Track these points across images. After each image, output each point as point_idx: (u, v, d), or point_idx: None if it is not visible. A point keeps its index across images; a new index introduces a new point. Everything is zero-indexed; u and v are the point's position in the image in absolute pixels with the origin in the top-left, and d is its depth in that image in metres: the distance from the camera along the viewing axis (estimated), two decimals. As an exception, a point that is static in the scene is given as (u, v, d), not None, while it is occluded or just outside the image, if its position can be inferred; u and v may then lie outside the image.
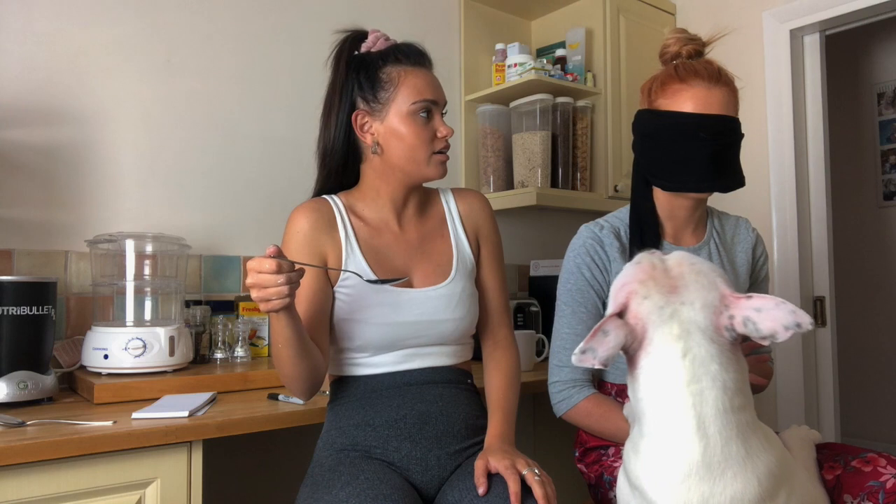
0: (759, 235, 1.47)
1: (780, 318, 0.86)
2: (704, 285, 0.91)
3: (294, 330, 1.09)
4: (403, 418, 1.21)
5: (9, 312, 1.31)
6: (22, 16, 1.65)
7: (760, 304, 0.87)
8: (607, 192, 2.41)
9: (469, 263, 1.34)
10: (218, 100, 1.93)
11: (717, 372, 0.87)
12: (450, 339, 1.29)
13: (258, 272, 1.03)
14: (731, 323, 0.89)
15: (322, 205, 1.29)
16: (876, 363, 3.81)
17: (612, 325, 0.89)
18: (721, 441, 0.86)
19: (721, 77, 1.27)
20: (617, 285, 0.96)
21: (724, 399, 0.86)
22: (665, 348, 0.88)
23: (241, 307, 1.84)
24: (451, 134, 1.27)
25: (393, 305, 1.24)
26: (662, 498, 0.87)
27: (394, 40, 1.31)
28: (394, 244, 1.30)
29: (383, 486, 1.07)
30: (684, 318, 0.89)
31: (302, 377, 1.16)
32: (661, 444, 0.88)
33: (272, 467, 1.86)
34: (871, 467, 1.15)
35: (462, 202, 1.39)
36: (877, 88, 3.86)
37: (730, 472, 0.85)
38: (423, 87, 1.25)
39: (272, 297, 1.03)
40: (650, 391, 0.89)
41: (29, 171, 1.64)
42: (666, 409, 0.88)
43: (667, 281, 0.92)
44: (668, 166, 1.29)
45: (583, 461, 1.41)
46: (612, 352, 0.88)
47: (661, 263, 0.95)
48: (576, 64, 2.41)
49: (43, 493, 1.08)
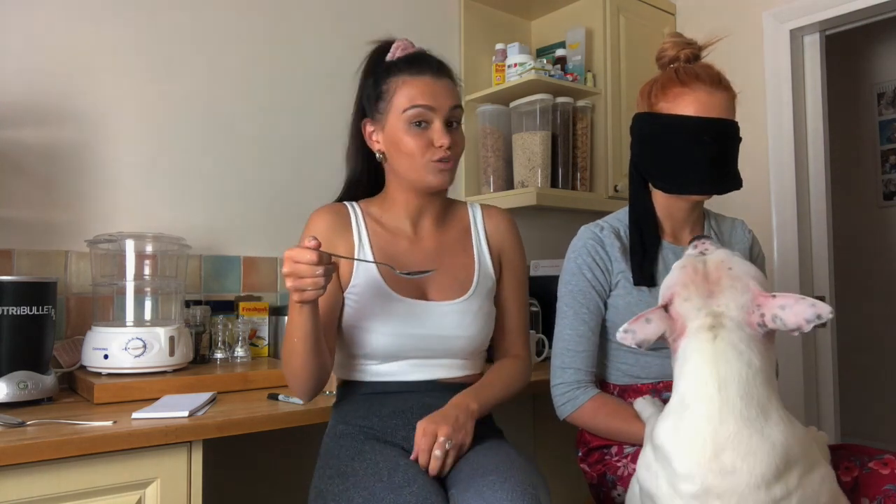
0: (755, 236, 1.48)
1: (802, 312, 0.95)
2: (738, 289, 1.00)
3: (314, 324, 1.11)
4: (410, 409, 1.22)
5: (9, 312, 1.31)
6: (22, 16, 1.65)
7: (783, 301, 0.97)
8: (607, 192, 2.41)
9: (490, 281, 1.34)
10: (218, 100, 1.93)
11: (744, 350, 0.96)
12: (460, 354, 1.29)
13: (296, 262, 1.03)
14: (762, 319, 0.98)
15: (340, 209, 1.32)
16: (876, 363, 3.81)
17: (656, 315, 1.03)
18: (740, 404, 0.93)
19: (721, 81, 1.28)
20: (665, 286, 1.07)
21: (747, 372, 0.95)
22: (699, 333, 0.99)
23: (241, 307, 1.84)
24: (449, 143, 1.24)
25: (405, 316, 1.24)
26: (680, 450, 0.94)
27: (418, 48, 1.32)
28: (409, 251, 1.30)
29: (408, 470, 1.08)
30: (719, 313, 0.99)
31: (311, 375, 1.17)
32: (685, 404, 0.97)
33: (272, 467, 1.86)
34: (889, 470, 1.14)
35: (490, 220, 1.39)
36: (877, 88, 3.86)
37: (746, 431, 0.92)
38: (417, 94, 1.23)
39: (308, 286, 1.03)
40: (684, 365, 1.00)
41: (29, 171, 1.64)
42: (695, 373, 0.97)
43: (706, 286, 1.02)
44: (669, 169, 1.29)
45: (586, 461, 1.40)
46: (650, 337, 1.02)
47: (702, 267, 1.05)
48: (576, 64, 2.41)
49: (43, 493, 1.08)
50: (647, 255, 1.32)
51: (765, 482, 0.90)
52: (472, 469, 1.09)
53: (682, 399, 0.98)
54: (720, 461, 0.91)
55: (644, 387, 1.34)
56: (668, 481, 0.95)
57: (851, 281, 3.83)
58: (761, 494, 0.90)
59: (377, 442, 1.19)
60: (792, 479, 0.91)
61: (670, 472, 0.95)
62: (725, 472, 0.90)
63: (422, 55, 1.30)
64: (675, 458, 0.95)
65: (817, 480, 0.94)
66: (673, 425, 0.97)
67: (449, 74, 1.30)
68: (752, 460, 0.90)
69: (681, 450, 0.94)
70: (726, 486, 0.90)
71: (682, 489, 0.93)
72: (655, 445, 1.00)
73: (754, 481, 0.90)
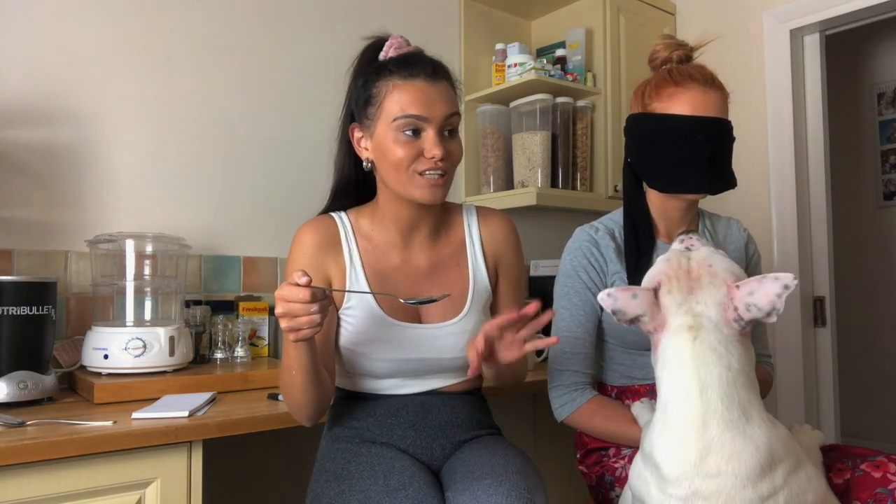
0: (751, 235, 1.48)
1: (769, 289, 0.96)
2: (716, 285, 1.02)
3: (311, 357, 1.06)
4: (406, 407, 1.21)
5: (9, 312, 1.31)
6: (22, 16, 1.65)
7: (749, 287, 0.98)
8: (607, 192, 2.41)
9: (485, 294, 1.28)
10: (218, 100, 1.93)
11: (723, 353, 0.97)
12: (457, 371, 1.26)
13: (289, 301, 0.96)
14: (738, 314, 0.99)
15: (327, 224, 1.24)
16: (876, 363, 3.81)
17: (644, 295, 1.03)
18: (721, 406, 0.94)
19: (715, 81, 1.29)
20: (649, 275, 1.08)
21: (727, 375, 0.96)
22: (680, 332, 1.00)
23: (241, 307, 1.84)
24: (441, 154, 1.13)
25: (398, 342, 1.20)
26: (666, 457, 0.96)
27: (414, 47, 1.22)
28: (401, 269, 1.24)
29: (404, 472, 1.08)
30: (697, 313, 1.00)
31: (311, 404, 1.13)
32: (669, 410, 0.98)
33: (272, 467, 1.87)
34: (881, 473, 1.14)
35: (486, 228, 1.31)
36: (877, 88, 3.86)
37: (728, 433, 0.93)
38: (409, 102, 1.13)
39: (304, 325, 0.98)
40: (665, 366, 1.01)
41: (29, 171, 1.64)
42: (676, 378, 0.99)
43: (687, 282, 1.03)
44: (664, 168, 1.29)
45: (584, 462, 1.40)
46: (629, 312, 1.03)
47: (686, 262, 1.06)
48: (576, 64, 2.41)
49: (43, 493, 1.08)
50: (642, 256, 1.32)
51: (750, 482, 0.91)
52: (467, 471, 1.09)
53: (665, 406, 1.00)
54: (706, 465, 0.93)
55: (641, 388, 1.35)
56: (657, 487, 0.97)
57: (851, 281, 3.82)
58: (748, 493, 0.91)
59: (373, 444, 1.19)
60: (777, 478, 0.93)
61: (659, 478, 0.97)
62: (711, 476, 0.92)
63: (416, 55, 1.19)
64: (663, 465, 0.96)
65: (803, 479, 0.95)
66: (658, 432, 0.99)
67: (446, 77, 1.19)
68: (737, 462, 0.92)
69: (667, 456, 0.96)
70: (713, 488, 0.92)
71: (671, 493, 0.95)
72: (644, 453, 1.02)
73: (740, 482, 0.91)
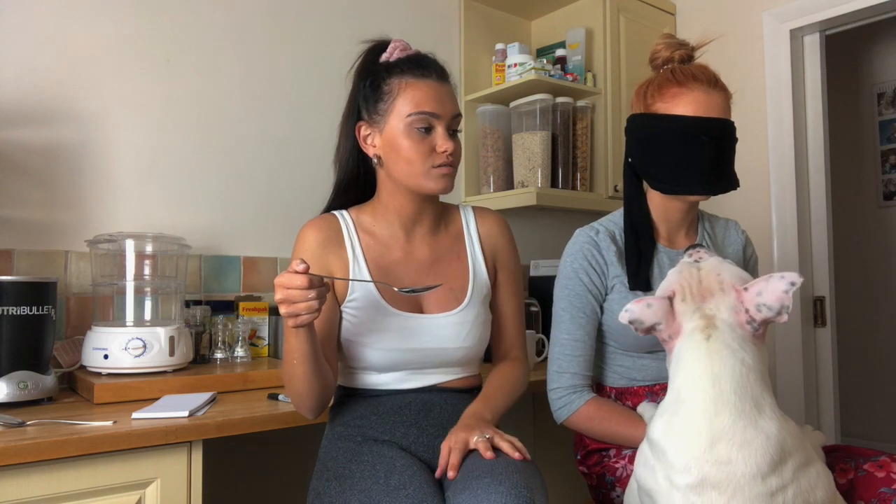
0: (748, 237, 1.48)
1: (777, 287, 0.98)
2: (726, 291, 1.04)
3: (312, 345, 1.09)
4: (408, 405, 1.22)
5: (9, 312, 1.31)
6: (22, 16, 1.65)
7: (757, 288, 1.00)
8: (607, 193, 2.41)
9: (485, 287, 1.32)
10: (218, 100, 1.93)
11: (737, 349, 0.98)
12: (458, 363, 1.28)
13: (288, 287, 1.01)
14: (749, 315, 1.00)
15: (330, 221, 1.28)
16: (876, 363, 3.81)
17: (658, 303, 1.05)
18: (734, 397, 0.95)
19: (718, 81, 1.28)
20: (663, 286, 1.10)
21: (741, 368, 0.97)
22: (695, 334, 1.02)
23: (241, 307, 1.84)
24: (452, 149, 1.21)
25: (401, 331, 1.22)
26: (675, 443, 0.95)
27: (415, 50, 1.28)
28: (403, 262, 1.27)
29: (405, 472, 1.08)
30: (712, 316, 1.02)
31: (313, 394, 1.15)
32: (680, 400, 0.99)
33: (272, 467, 1.86)
34: (885, 473, 1.14)
35: (483, 223, 1.36)
36: (877, 88, 3.86)
37: (741, 423, 0.93)
38: (422, 99, 1.20)
39: (302, 311, 1.02)
40: (680, 363, 1.02)
41: (29, 171, 1.64)
42: (689, 371, 0.99)
43: (699, 291, 1.05)
44: (668, 169, 1.28)
45: (584, 463, 1.40)
46: (646, 321, 1.04)
47: (697, 273, 1.08)
48: (576, 64, 2.41)
49: (43, 493, 1.08)
50: (643, 259, 1.31)
51: (760, 473, 0.90)
52: (467, 470, 1.09)
53: (677, 395, 1.00)
54: (715, 452, 0.91)
55: (640, 389, 1.34)
56: (664, 475, 0.96)
57: (851, 281, 3.83)
58: (757, 485, 0.90)
59: (374, 443, 1.19)
60: (787, 472, 0.92)
61: (667, 466, 0.96)
62: (721, 463, 0.91)
63: (425, 58, 1.26)
64: (671, 451, 0.95)
65: (813, 475, 0.95)
66: (668, 420, 0.99)
67: (450, 79, 1.27)
68: (748, 451, 0.91)
69: (676, 442, 0.95)
70: (722, 476, 0.91)
71: (679, 481, 0.93)
72: (651, 441, 1.01)
73: (750, 472, 0.90)
